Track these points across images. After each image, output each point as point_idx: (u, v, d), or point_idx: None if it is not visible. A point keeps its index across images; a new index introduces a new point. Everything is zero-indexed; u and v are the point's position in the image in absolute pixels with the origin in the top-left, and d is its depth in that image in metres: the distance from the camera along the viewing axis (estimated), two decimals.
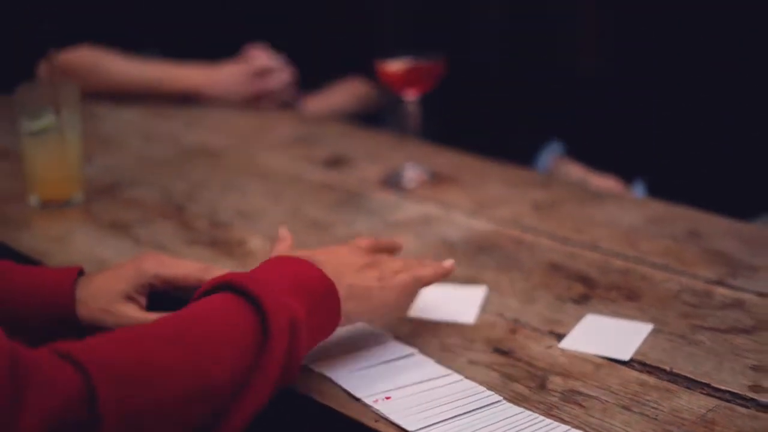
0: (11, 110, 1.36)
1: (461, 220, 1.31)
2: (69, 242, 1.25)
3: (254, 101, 1.88)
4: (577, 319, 1.01)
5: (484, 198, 1.39)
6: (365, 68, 1.87)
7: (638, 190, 1.63)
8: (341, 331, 0.91)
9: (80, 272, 0.94)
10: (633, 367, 0.91)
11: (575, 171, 1.63)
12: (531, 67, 1.78)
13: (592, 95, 1.71)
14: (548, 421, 0.82)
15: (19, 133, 1.36)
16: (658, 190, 1.56)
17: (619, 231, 1.26)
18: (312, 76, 1.99)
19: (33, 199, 1.36)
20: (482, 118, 1.85)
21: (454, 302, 1.05)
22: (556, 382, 0.88)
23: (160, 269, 0.94)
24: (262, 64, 1.89)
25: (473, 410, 0.84)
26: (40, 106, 1.34)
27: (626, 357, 0.92)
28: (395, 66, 1.46)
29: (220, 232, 1.27)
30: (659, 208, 1.36)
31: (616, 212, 1.33)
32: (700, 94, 1.64)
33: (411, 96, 1.47)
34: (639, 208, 1.37)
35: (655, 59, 1.67)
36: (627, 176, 1.64)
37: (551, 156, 1.68)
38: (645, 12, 1.68)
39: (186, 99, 1.88)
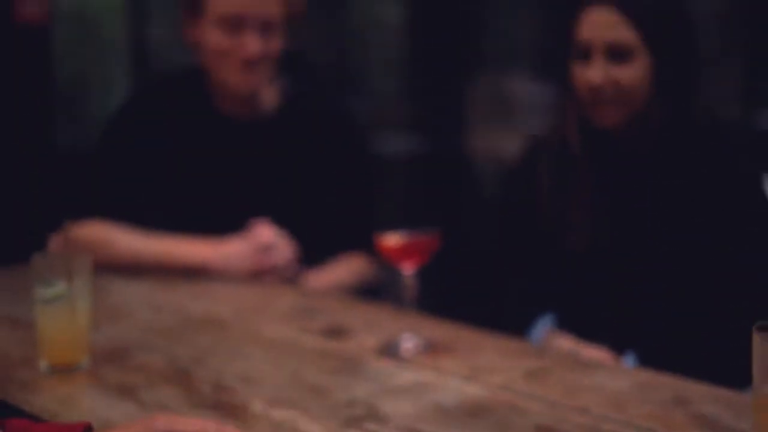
0: (24, 280, 1.43)
1: (455, 387, 1.35)
2: (76, 404, 1.29)
3: (258, 275, 1.95)
4: None
5: (479, 366, 1.44)
6: (365, 244, 1.95)
7: (629, 361, 1.68)
8: None
9: (89, 428, 0.99)
10: None
11: (566, 343, 1.68)
12: (523, 241, 1.85)
13: (583, 269, 1.78)
14: None
15: (32, 300, 1.42)
16: (649, 361, 1.61)
17: (608, 396, 1.30)
18: (313, 252, 2.06)
19: (43, 364, 1.42)
20: (477, 290, 1.91)
21: None
22: None
23: (172, 426, 0.98)
24: (265, 240, 1.96)
25: None
26: (53, 275, 1.41)
27: None
28: (392, 240, 1.54)
29: (224, 396, 1.32)
30: (647, 375, 1.41)
31: (605, 379, 1.38)
32: (689, 269, 1.71)
33: (408, 269, 1.54)
34: (628, 375, 1.42)
35: (644, 235, 1.74)
36: (618, 348, 1.69)
37: (544, 328, 1.74)
38: (637, 191, 1.76)
39: (193, 271, 1.95)
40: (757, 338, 1.07)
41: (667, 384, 1.35)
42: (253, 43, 1.98)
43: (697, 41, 1.75)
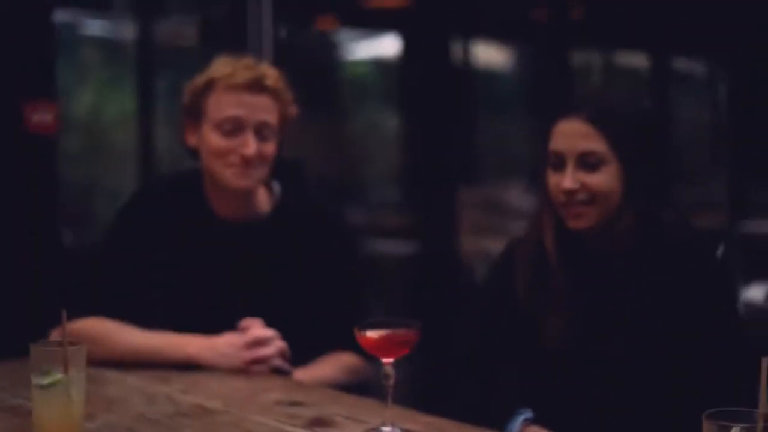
0: (25, 372, 1.51)
1: None
2: None
3: (247, 368, 2.03)
4: None
5: None
6: (354, 343, 2.03)
7: None
8: None
9: None
10: None
11: None
12: (501, 336, 1.93)
13: (558, 365, 1.85)
14: None
15: (29, 387, 1.50)
16: None
17: None
18: (301, 350, 2.14)
19: None
20: (458, 383, 1.98)
21: None
22: None
23: None
24: (255, 334, 2.05)
25: None
26: (50, 363, 1.50)
27: None
28: (372, 334, 1.62)
29: None
30: None
31: None
32: (655, 366, 1.79)
33: (387, 360, 1.62)
34: None
35: (615, 334, 1.82)
36: None
37: (520, 422, 1.81)
38: (609, 291, 1.85)
39: (186, 365, 2.03)
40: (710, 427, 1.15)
41: None
42: (250, 144, 2.10)
43: (665, 149, 1.87)
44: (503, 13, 6.35)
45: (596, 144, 1.80)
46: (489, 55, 7.77)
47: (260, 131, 2.12)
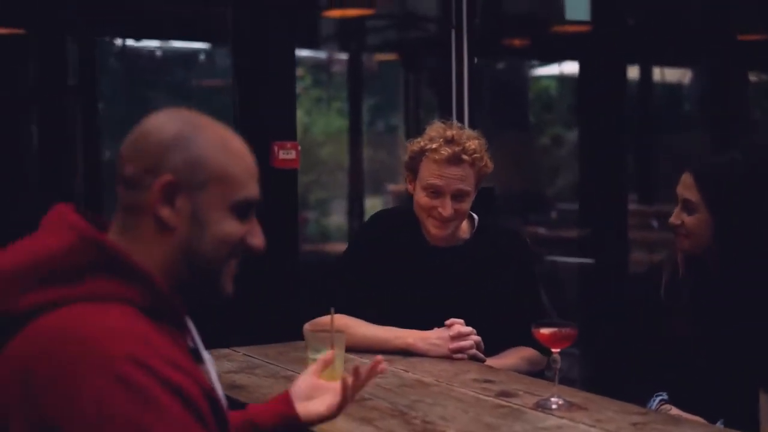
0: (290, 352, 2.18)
1: (583, 429, 2.04)
2: (334, 424, 2.05)
3: (452, 356, 2.68)
4: None
5: (600, 418, 2.12)
6: (533, 339, 2.66)
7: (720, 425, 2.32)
8: None
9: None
10: None
11: (672, 411, 2.34)
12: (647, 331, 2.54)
13: (687, 353, 2.44)
14: None
15: (306, 359, 2.20)
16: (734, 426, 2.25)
17: None
18: (493, 344, 2.78)
19: None
20: (607, 370, 2.59)
21: None
22: None
23: None
24: (458, 330, 2.70)
25: None
26: (321, 344, 2.19)
27: None
28: (546, 330, 2.25)
29: (428, 427, 2.05)
30: (724, 430, 2.06)
31: (690, 430, 2.04)
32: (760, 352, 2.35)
33: (556, 350, 2.25)
34: (708, 429, 2.07)
35: (727, 325, 2.40)
36: (711, 418, 2.33)
37: (657, 401, 2.40)
38: (718, 295, 2.43)
39: (405, 352, 2.70)
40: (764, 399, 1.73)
41: None
42: (447, 208, 2.74)
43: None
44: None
45: (692, 194, 2.41)
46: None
47: (457, 196, 2.76)
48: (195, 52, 6.58)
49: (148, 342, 1.33)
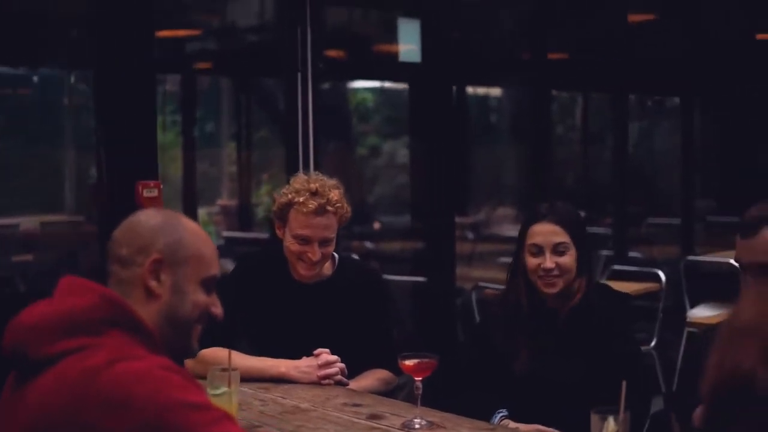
0: None
1: None
2: None
3: (320, 381, 3.05)
4: None
5: None
6: (387, 363, 3.07)
7: None
8: None
9: None
10: None
11: (512, 424, 2.79)
12: (490, 365, 2.96)
13: (523, 384, 2.88)
14: None
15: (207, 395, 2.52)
16: None
17: None
18: (352, 368, 3.16)
19: None
20: (460, 394, 3.00)
21: None
22: None
23: None
24: (325, 359, 3.07)
25: None
26: (219, 381, 2.52)
27: None
28: (410, 362, 2.65)
29: None
30: None
31: None
32: (588, 382, 2.81)
33: (418, 378, 2.65)
34: None
35: (563, 363, 2.85)
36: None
37: (499, 417, 2.84)
38: (561, 335, 2.88)
39: (279, 380, 3.05)
40: (594, 419, 2.17)
41: None
42: (316, 253, 3.10)
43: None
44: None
45: (564, 238, 2.84)
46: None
47: (323, 242, 3.12)
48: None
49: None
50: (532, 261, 2.88)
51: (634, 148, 9.86)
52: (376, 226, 8.70)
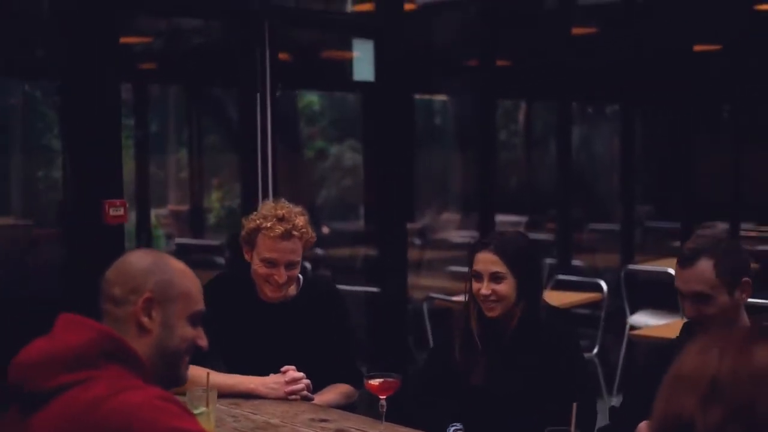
0: None
1: None
2: None
3: (287, 397, 3.22)
4: None
5: None
6: (349, 378, 3.25)
7: None
8: None
9: None
10: None
11: None
12: (441, 377, 3.16)
13: (478, 396, 3.08)
14: None
15: None
16: None
17: None
18: (317, 383, 3.34)
19: None
20: (416, 407, 3.19)
21: None
22: None
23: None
24: (291, 375, 3.24)
25: None
26: (198, 401, 2.68)
27: None
28: (375, 381, 2.84)
29: None
30: None
31: None
32: (537, 393, 3.02)
33: (383, 396, 2.83)
34: None
35: (513, 376, 3.05)
36: None
37: (453, 429, 3.04)
38: (509, 353, 3.08)
39: (248, 395, 3.21)
40: None
41: None
42: (282, 276, 3.28)
43: (541, 268, 3.12)
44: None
45: (501, 267, 3.03)
46: None
47: (289, 265, 3.29)
48: None
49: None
50: (475, 285, 3.09)
51: (576, 154, 10.14)
52: (325, 230, 8.85)
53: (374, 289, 5.90)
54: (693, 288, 2.75)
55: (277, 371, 3.28)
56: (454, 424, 3.07)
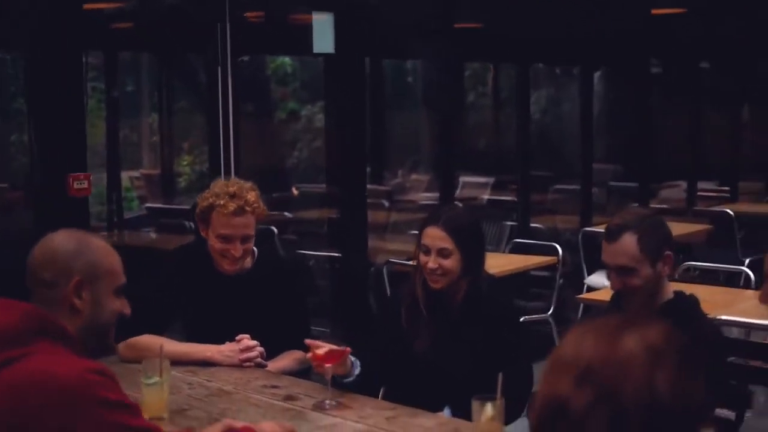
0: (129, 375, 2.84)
1: (351, 426, 2.82)
2: None
3: (242, 365, 3.39)
4: None
5: (364, 415, 2.90)
6: (301, 344, 3.43)
7: (446, 412, 3.16)
8: None
9: None
10: None
11: None
12: (394, 344, 3.34)
13: (422, 360, 3.27)
14: None
15: (139, 384, 2.85)
16: (456, 414, 3.09)
17: (426, 429, 2.78)
18: (270, 351, 3.51)
19: (145, 416, 2.83)
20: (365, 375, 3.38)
21: None
22: None
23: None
24: (246, 344, 3.42)
25: None
26: (152, 371, 2.85)
27: None
28: (321, 351, 3.01)
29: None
30: (454, 420, 2.88)
31: (427, 421, 2.85)
32: (479, 360, 3.20)
33: (328, 364, 3.01)
34: (438, 419, 2.89)
35: (456, 342, 3.24)
36: (437, 406, 3.17)
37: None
38: (455, 324, 3.26)
39: (205, 363, 3.39)
40: (475, 404, 2.56)
41: (466, 426, 2.83)
42: (238, 250, 3.45)
43: (484, 244, 3.29)
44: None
45: (448, 243, 3.20)
46: None
47: (243, 239, 3.46)
48: None
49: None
50: (422, 258, 3.26)
51: (542, 115, 10.28)
52: (295, 192, 8.98)
53: (336, 254, 6.05)
54: (618, 261, 2.93)
55: (232, 340, 3.45)
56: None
